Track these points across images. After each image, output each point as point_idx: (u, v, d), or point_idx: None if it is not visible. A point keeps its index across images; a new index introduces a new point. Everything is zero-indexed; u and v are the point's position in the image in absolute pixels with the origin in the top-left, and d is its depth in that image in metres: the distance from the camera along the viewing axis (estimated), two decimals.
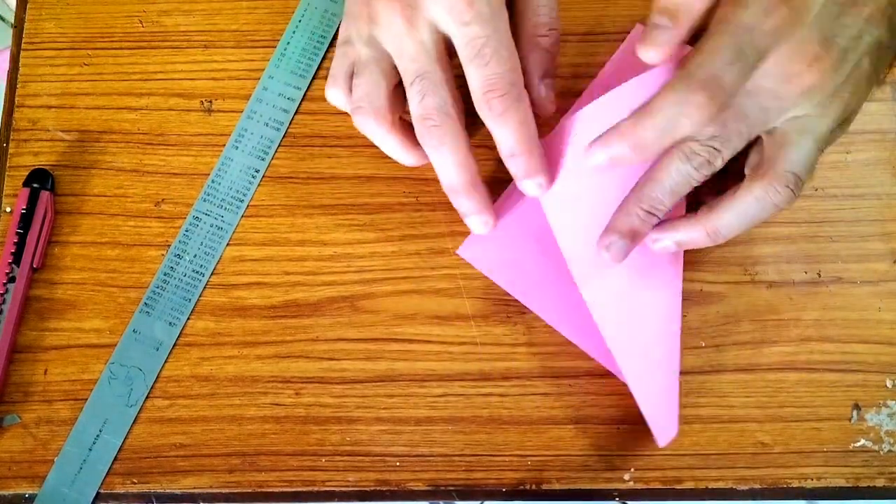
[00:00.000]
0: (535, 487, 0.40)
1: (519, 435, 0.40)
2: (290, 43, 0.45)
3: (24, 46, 0.46)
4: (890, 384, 0.40)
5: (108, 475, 0.40)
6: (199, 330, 0.42)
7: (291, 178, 0.44)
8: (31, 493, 0.40)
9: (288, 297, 0.42)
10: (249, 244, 0.43)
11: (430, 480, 0.40)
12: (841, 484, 0.39)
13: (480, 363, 0.41)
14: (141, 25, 0.46)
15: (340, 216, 0.43)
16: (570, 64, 0.45)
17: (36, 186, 0.42)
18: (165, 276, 0.42)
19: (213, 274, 0.42)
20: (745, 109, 0.34)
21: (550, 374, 0.41)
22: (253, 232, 0.43)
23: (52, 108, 0.45)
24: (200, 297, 0.42)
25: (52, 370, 0.41)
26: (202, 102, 0.45)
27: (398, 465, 0.40)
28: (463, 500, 0.40)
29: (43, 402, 0.41)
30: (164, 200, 0.43)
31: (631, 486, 0.40)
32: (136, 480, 0.40)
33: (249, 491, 0.40)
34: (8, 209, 0.43)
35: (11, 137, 0.45)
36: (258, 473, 0.40)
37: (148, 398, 0.41)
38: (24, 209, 0.42)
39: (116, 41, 0.46)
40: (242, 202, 0.43)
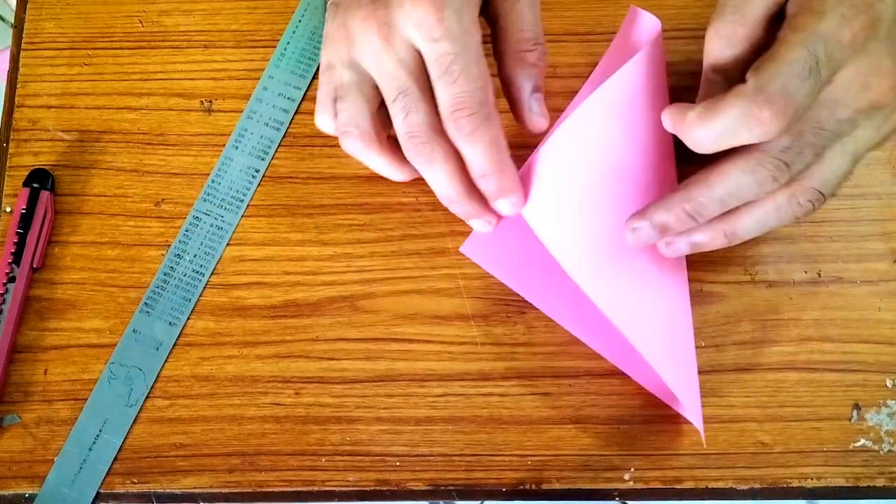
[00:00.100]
0: (535, 487, 0.40)
1: (519, 435, 0.40)
2: (290, 43, 0.45)
3: (24, 46, 0.46)
4: (890, 384, 0.40)
5: (108, 475, 0.40)
6: (199, 330, 0.42)
7: (291, 178, 0.44)
8: (31, 493, 0.40)
9: (288, 297, 0.42)
10: (249, 244, 0.43)
11: (430, 480, 0.40)
12: (841, 484, 0.39)
13: (480, 363, 0.41)
14: (141, 25, 0.46)
15: (340, 216, 0.43)
16: (570, 64, 0.45)
17: (36, 186, 0.42)
18: (165, 275, 0.42)
19: (213, 274, 0.42)
20: (822, 121, 0.33)
21: (550, 374, 0.41)
22: (253, 232, 0.43)
23: (52, 108, 0.45)
24: (200, 296, 0.42)
25: (52, 370, 0.41)
26: (202, 102, 0.45)
27: (398, 464, 0.40)
28: (463, 499, 0.40)
29: (43, 402, 0.41)
30: (164, 200, 0.43)
31: (631, 486, 0.40)
32: (136, 480, 0.40)
33: (249, 491, 0.40)
34: (8, 209, 0.43)
35: (11, 137, 0.45)
36: (258, 473, 0.40)
37: (148, 398, 0.41)
38: (24, 209, 0.42)
39: (116, 41, 0.46)
40: (242, 202, 0.43)
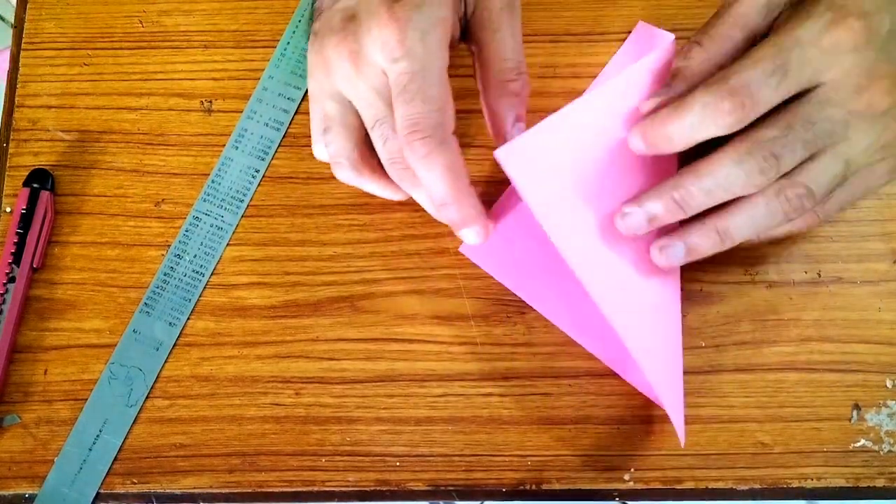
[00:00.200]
0: (535, 487, 0.40)
1: (519, 435, 0.40)
2: (289, 43, 0.45)
3: (24, 46, 0.46)
4: (890, 384, 0.40)
5: (108, 475, 0.40)
6: (199, 330, 0.42)
7: (291, 178, 0.44)
8: (31, 493, 0.40)
9: (288, 297, 0.42)
10: (249, 244, 0.43)
11: (430, 480, 0.40)
12: (841, 484, 0.39)
13: (480, 363, 0.41)
14: (141, 25, 0.46)
15: (340, 216, 0.43)
16: (569, 64, 0.45)
17: (36, 186, 0.42)
18: (165, 276, 0.42)
19: (213, 274, 0.42)
20: (811, 117, 0.33)
21: (550, 374, 0.41)
22: (253, 232, 0.43)
23: (52, 108, 0.45)
24: (200, 297, 0.42)
25: (52, 370, 0.41)
26: (202, 102, 0.45)
27: (398, 465, 0.40)
28: (463, 500, 0.40)
29: (43, 402, 0.41)
30: (164, 200, 0.43)
31: (631, 486, 0.40)
32: (136, 480, 0.40)
33: (249, 491, 0.40)
34: (8, 209, 0.43)
35: (11, 137, 0.45)
36: (258, 473, 0.40)
37: (148, 398, 0.41)
38: (24, 209, 0.42)
39: (116, 41, 0.46)
40: (242, 202, 0.43)
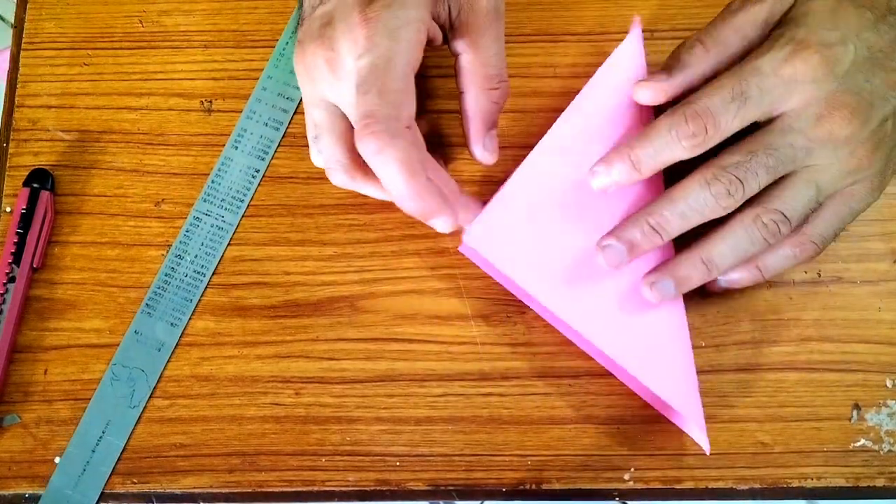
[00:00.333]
0: (535, 487, 0.40)
1: (519, 435, 0.40)
2: (288, 43, 0.45)
3: (24, 46, 0.46)
4: (890, 384, 0.40)
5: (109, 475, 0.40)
6: (199, 330, 0.42)
7: (291, 178, 0.44)
8: (31, 493, 0.40)
9: (288, 297, 0.42)
10: (249, 244, 0.43)
11: (430, 480, 0.40)
12: (841, 484, 0.39)
13: (480, 363, 0.41)
14: (141, 25, 0.46)
15: (340, 216, 0.43)
16: (569, 64, 0.45)
17: (36, 186, 0.42)
18: (166, 276, 0.42)
19: (213, 274, 0.42)
20: (773, 144, 0.35)
21: (550, 374, 0.41)
22: (253, 232, 0.43)
23: (52, 108, 0.45)
24: (201, 297, 0.42)
25: (52, 370, 0.41)
26: (202, 102, 0.45)
27: (398, 464, 0.40)
28: (463, 499, 0.40)
29: (43, 402, 0.41)
30: (164, 200, 0.43)
31: (631, 486, 0.40)
32: (136, 480, 0.40)
33: (249, 491, 0.40)
34: (8, 209, 0.43)
35: (11, 137, 0.45)
36: (258, 473, 0.40)
37: (148, 398, 0.41)
38: (24, 209, 0.42)
39: (116, 41, 0.46)
40: (243, 202, 0.43)
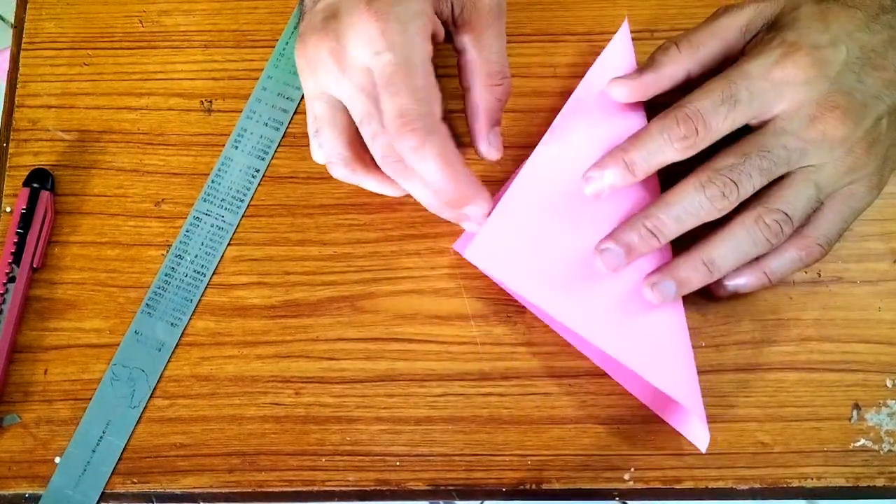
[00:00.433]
0: (535, 487, 0.40)
1: (519, 435, 0.40)
2: (288, 43, 0.45)
3: (24, 46, 0.46)
4: (890, 384, 0.40)
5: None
6: (199, 330, 0.42)
7: (291, 177, 0.44)
8: (31, 492, 0.40)
9: (288, 297, 0.42)
10: (249, 244, 0.43)
11: (430, 480, 0.40)
12: (841, 483, 0.39)
13: (480, 363, 0.41)
14: (141, 25, 0.46)
15: (340, 216, 0.43)
16: (569, 64, 0.45)
17: (36, 186, 0.42)
18: (167, 276, 0.42)
19: (213, 274, 0.42)
20: (767, 146, 0.35)
21: (550, 374, 0.41)
22: (253, 232, 0.43)
23: (52, 108, 0.45)
24: (201, 297, 0.42)
25: (52, 370, 0.41)
26: (202, 102, 0.45)
27: (398, 464, 0.40)
28: (463, 499, 0.40)
29: (43, 402, 0.41)
30: (164, 200, 0.43)
31: (631, 485, 0.40)
32: (136, 480, 0.40)
33: (249, 491, 0.40)
34: (8, 209, 0.43)
35: (11, 137, 0.45)
36: (258, 473, 0.40)
37: (149, 398, 0.41)
38: (24, 209, 0.42)
39: (116, 41, 0.46)
40: (243, 202, 0.43)
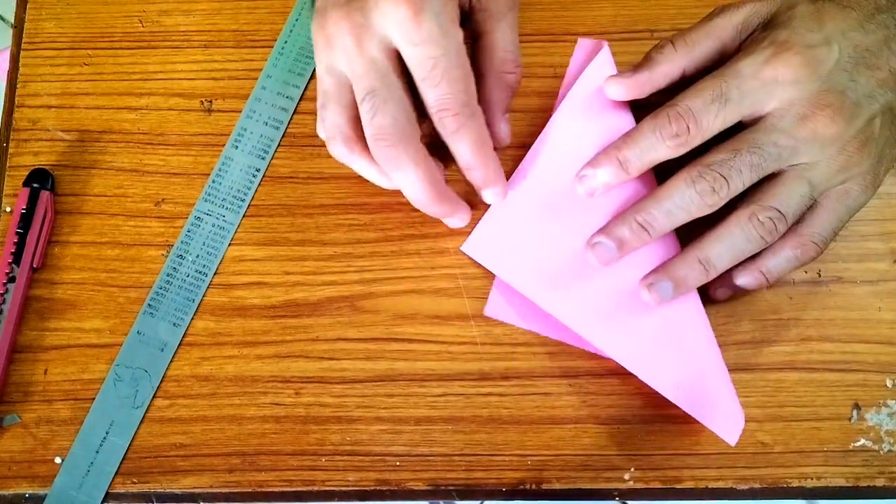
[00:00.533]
0: (535, 487, 0.40)
1: (519, 435, 0.40)
2: (287, 42, 0.45)
3: (24, 46, 0.46)
4: (890, 384, 0.40)
5: None
6: (199, 330, 0.42)
7: (291, 177, 0.44)
8: (31, 493, 0.40)
9: (288, 296, 0.42)
10: (249, 244, 0.43)
11: (430, 480, 0.40)
12: (841, 483, 0.39)
13: (480, 363, 0.41)
14: (141, 25, 0.46)
15: (340, 216, 0.43)
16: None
17: (36, 186, 0.42)
18: (168, 276, 0.42)
19: (214, 274, 0.42)
20: (758, 142, 0.35)
21: (550, 374, 0.41)
22: (253, 232, 0.43)
23: (52, 108, 0.45)
24: (203, 297, 0.42)
25: (52, 370, 0.41)
26: (202, 102, 0.45)
27: (398, 464, 0.40)
28: (463, 499, 0.40)
29: (43, 402, 0.41)
30: (164, 200, 0.43)
31: (631, 485, 0.40)
32: (136, 480, 0.40)
33: (249, 490, 0.40)
34: (8, 209, 0.43)
35: (11, 137, 0.45)
36: (258, 473, 0.40)
37: (151, 398, 0.41)
38: (24, 209, 0.42)
39: (116, 41, 0.46)
40: (244, 201, 0.43)
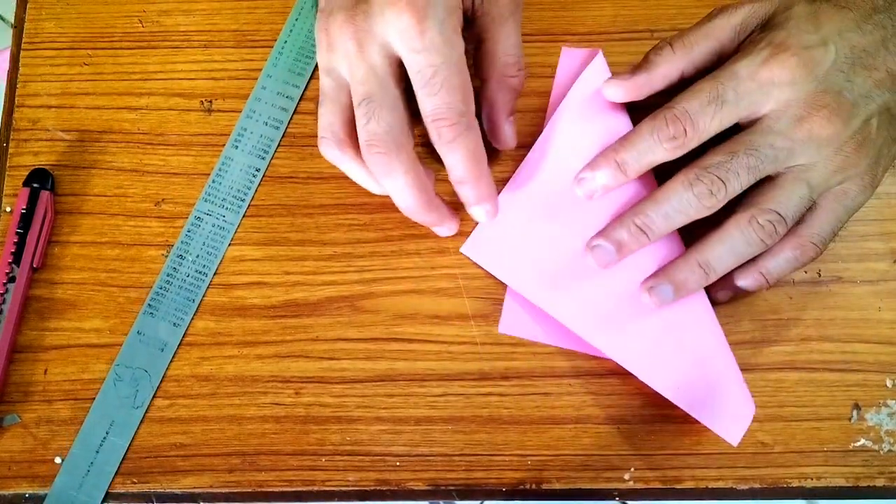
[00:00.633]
0: (535, 487, 0.40)
1: (519, 435, 0.40)
2: (286, 42, 0.45)
3: (24, 46, 0.46)
4: (890, 384, 0.40)
5: None
6: (199, 330, 0.42)
7: (291, 177, 0.44)
8: (31, 493, 0.40)
9: (288, 296, 0.42)
10: (249, 244, 0.43)
11: (430, 480, 0.40)
12: (841, 483, 0.39)
13: (480, 363, 0.41)
14: (141, 25, 0.46)
15: (340, 216, 0.43)
16: None
17: (36, 186, 0.42)
18: (168, 276, 0.42)
19: (214, 274, 0.42)
20: (755, 144, 0.35)
21: (550, 374, 0.41)
22: (253, 232, 0.43)
23: (52, 108, 0.45)
24: (203, 297, 0.42)
25: (52, 370, 0.41)
26: (202, 102, 0.45)
27: (398, 464, 0.40)
28: (463, 499, 0.40)
29: (43, 402, 0.41)
30: (164, 200, 0.43)
31: (631, 485, 0.40)
32: (136, 480, 0.40)
33: (249, 490, 0.40)
34: (8, 209, 0.43)
35: (11, 137, 0.45)
36: (258, 473, 0.40)
37: (152, 399, 0.41)
38: (24, 209, 0.42)
39: (116, 41, 0.46)
40: (244, 201, 0.43)
